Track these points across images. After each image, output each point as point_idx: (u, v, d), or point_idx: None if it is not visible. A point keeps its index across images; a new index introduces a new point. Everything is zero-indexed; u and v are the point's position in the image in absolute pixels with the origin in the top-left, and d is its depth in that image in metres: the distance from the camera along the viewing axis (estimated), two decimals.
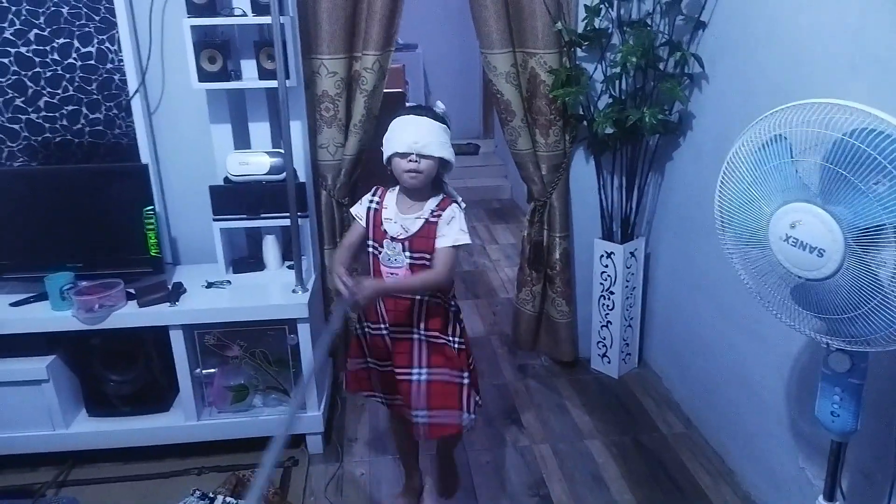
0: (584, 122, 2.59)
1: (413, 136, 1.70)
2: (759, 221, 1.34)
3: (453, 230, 1.76)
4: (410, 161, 1.71)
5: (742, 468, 2.25)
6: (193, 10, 2.16)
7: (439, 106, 1.82)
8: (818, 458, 1.82)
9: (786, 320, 1.41)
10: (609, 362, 2.88)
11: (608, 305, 2.79)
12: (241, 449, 2.39)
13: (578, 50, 2.52)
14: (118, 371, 2.34)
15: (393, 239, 1.78)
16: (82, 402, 2.37)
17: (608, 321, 2.82)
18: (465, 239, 1.77)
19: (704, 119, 2.39)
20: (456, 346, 1.87)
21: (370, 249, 1.84)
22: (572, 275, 2.83)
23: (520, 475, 2.31)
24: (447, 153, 1.74)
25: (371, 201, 1.84)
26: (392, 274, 1.80)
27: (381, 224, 1.80)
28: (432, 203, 1.79)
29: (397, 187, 1.83)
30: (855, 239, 1.17)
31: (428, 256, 1.77)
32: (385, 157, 1.78)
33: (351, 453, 2.44)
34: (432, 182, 1.79)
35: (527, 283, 2.84)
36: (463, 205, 1.82)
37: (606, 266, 2.74)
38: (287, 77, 2.15)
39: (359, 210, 1.85)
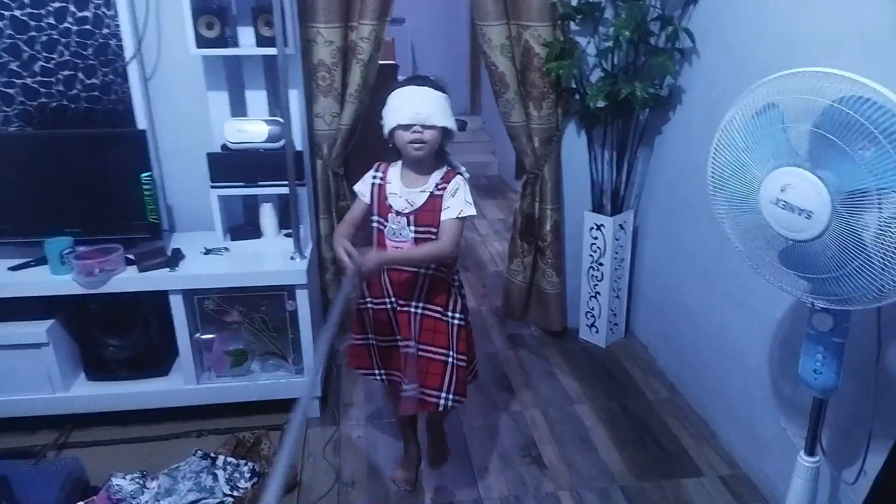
0: (577, 96, 2.63)
1: (416, 107, 1.69)
2: (750, 186, 1.40)
3: (458, 201, 1.75)
4: (414, 132, 1.70)
5: (724, 431, 2.34)
6: None
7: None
8: (799, 419, 1.91)
9: (773, 281, 1.48)
10: (597, 332, 2.96)
11: (597, 277, 2.87)
12: (238, 413, 2.44)
13: (571, 23, 2.56)
14: (117, 336, 2.37)
15: (398, 213, 1.78)
16: (81, 366, 2.40)
17: (597, 292, 2.89)
18: (471, 210, 1.76)
19: (694, 93, 2.45)
20: (456, 321, 1.87)
21: (375, 224, 1.83)
22: (562, 246, 2.89)
23: (512, 438, 2.38)
24: (450, 122, 1.74)
25: (374, 177, 1.84)
26: (397, 248, 1.80)
27: (387, 199, 1.80)
28: (437, 176, 1.79)
29: (399, 161, 1.83)
30: (841, 202, 1.24)
31: (434, 230, 1.77)
32: (386, 130, 1.76)
33: (347, 417, 2.50)
34: (435, 153, 1.79)
35: (518, 255, 2.90)
36: (466, 175, 1.83)
37: (596, 238, 2.80)
38: (285, 45, 2.16)
39: (362, 187, 1.85)
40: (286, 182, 2.35)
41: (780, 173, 1.31)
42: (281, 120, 2.37)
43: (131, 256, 2.28)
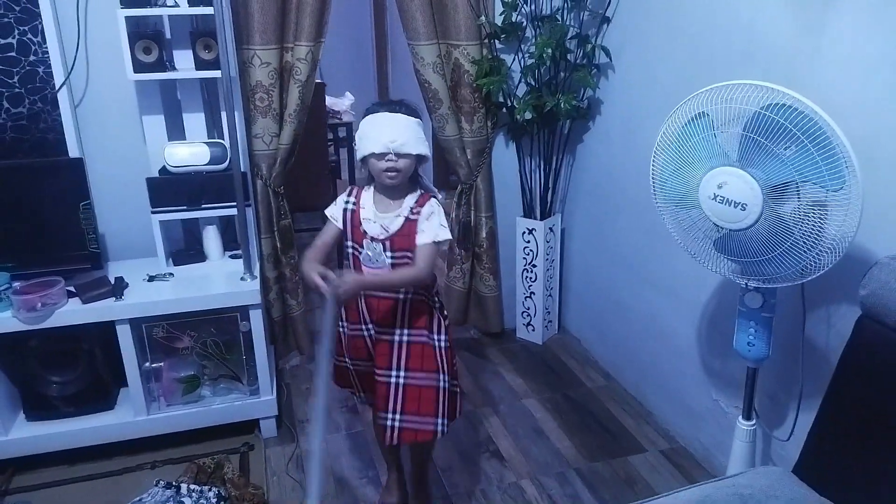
0: (505, 109, 2.80)
1: (390, 135, 1.66)
2: (689, 185, 1.59)
3: (433, 226, 1.74)
4: (388, 160, 1.68)
5: (660, 409, 2.56)
6: (127, 1, 2.13)
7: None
8: (729, 389, 2.15)
9: (709, 266, 1.68)
10: (533, 330, 3.13)
11: (531, 278, 3.04)
12: (190, 441, 2.40)
13: (497, 42, 2.72)
14: (59, 372, 2.28)
15: (373, 239, 1.75)
16: (20, 406, 2.29)
17: (531, 292, 3.06)
18: (446, 234, 1.74)
19: (611, 105, 2.68)
20: (443, 344, 1.85)
21: (349, 250, 1.81)
22: (497, 251, 3.05)
23: (469, 436, 2.49)
24: (424, 149, 1.71)
25: (347, 202, 1.80)
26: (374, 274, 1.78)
27: (360, 224, 1.77)
28: (410, 200, 1.76)
29: (372, 185, 1.80)
30: (768, 194, 1.45)
31: (410, 255, 1.74)
32: (359, 156, 1.74)
33: (305, 433, 2.52)
34: (408, 178, 1.76)
35: (456, 262, 3.02)
36: (440, 197, 1.82)
37: (528, 241, 2.98)
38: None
39: (334, 211, 1.82)
40: (230, 203, 2.37)
41: (717, 172, 1.51)
42: (222, 141, 2.38)
43: (72, 289, 2.21)
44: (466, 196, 2.91)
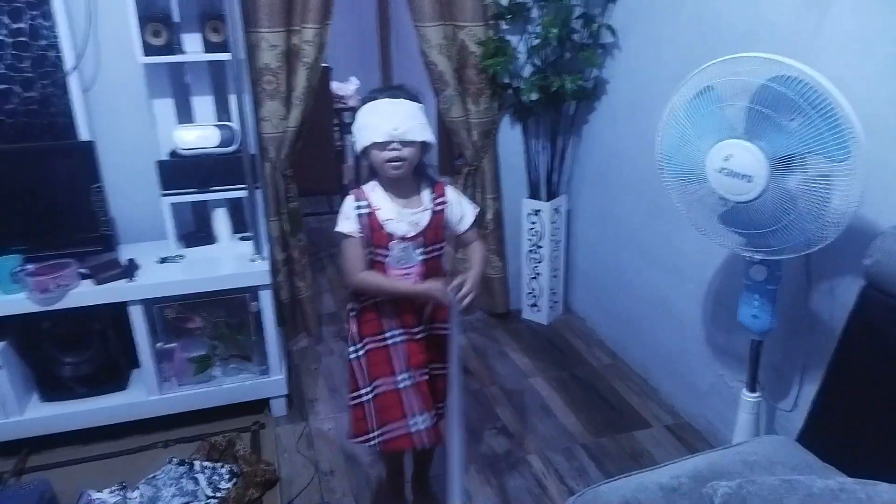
0: (510, 90, 2.81)
1: (392, 122, 1.57)
2: (696, 158, 1.61)
3: (467, 208, 1.75)
4: (392, 150, 1.59)
5: (665, 385, 2.59)
6: None
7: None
8: (734, 364, 2.17)
9: (715, 239, 1.71)
10: (539, 311, 3.16)
11: (537, 259, 3.06)
12: (202, 420, 2.43)
13: (502, 23, 2.73)
14: (71, 353, 2.31)
15: (403, 238, 1.66)
16: (34, 387, 2.32)
17: (537, 273, 3.09)
18: (476, 210, 1.80)
19: (617, 84, 2.69)
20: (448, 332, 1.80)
21: (370, 256, 1.70)
22: (503, 233, 3.07)
23: (477, 413, 2.53)
24: (429, 135, 1.63)
25: (358, 207, 1.67)
26: (406, 275, 1.69)
27: (382, 227, 1.66)
28: (427, 191, 1.72)
29: (375, 183, 1.70)
30: (774, 166, 1.47)
31: (439, 247, 1.71)
32: (359, 147, 1.64)
33: (314, 412, 2.56)
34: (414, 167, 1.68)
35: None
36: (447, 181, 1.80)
37: (534, 223, 3.00)
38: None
39: (349, 225, 1.68)
40: (240, 186, 2.39)
41: (723, 145, 1.53)
42: (231, 124, 2.40)
43: (84, 270, 2.24)
44: (472, 178, 2.93)
